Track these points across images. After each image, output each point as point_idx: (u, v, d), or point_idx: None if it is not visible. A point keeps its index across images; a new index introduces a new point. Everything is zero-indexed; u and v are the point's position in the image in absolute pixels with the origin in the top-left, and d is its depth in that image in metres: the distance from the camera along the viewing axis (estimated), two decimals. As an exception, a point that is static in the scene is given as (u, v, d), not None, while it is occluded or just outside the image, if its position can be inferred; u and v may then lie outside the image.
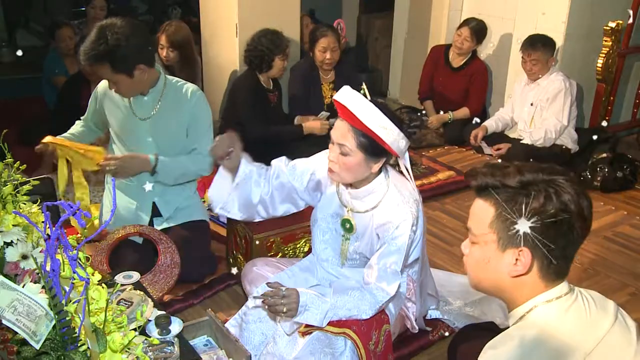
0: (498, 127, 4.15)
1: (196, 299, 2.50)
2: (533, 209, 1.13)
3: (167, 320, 1.62)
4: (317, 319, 1.81)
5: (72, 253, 1.23)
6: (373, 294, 1.89)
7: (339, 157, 1.85)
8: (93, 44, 2.29)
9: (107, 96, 2.57)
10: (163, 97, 2.53)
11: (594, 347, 1.14)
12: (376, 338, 1.92)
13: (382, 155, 1.87)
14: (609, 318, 1.19)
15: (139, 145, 2.54)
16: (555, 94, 3.78)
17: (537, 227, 1.13)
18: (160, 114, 2.53)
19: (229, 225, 2.64)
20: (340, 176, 1.90)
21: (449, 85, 4.47)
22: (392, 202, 1.92)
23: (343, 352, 1.86)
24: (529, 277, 1.18)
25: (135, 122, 2.54)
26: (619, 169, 3.66)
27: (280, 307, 1.77)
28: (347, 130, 1.82)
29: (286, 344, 1.94)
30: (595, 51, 4.06)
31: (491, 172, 1.18)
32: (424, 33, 5.10)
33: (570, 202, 1.13)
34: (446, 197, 3.55)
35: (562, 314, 1.18)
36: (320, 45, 3.79)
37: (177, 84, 2.58)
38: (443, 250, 2.97)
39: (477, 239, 1.23)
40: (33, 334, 1.15)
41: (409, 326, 2.21)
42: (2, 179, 1.58)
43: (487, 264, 1.22)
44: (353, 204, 2.00)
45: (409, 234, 1.89)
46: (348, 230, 2.03)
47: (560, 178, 1.16)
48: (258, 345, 2.03)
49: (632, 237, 3.15)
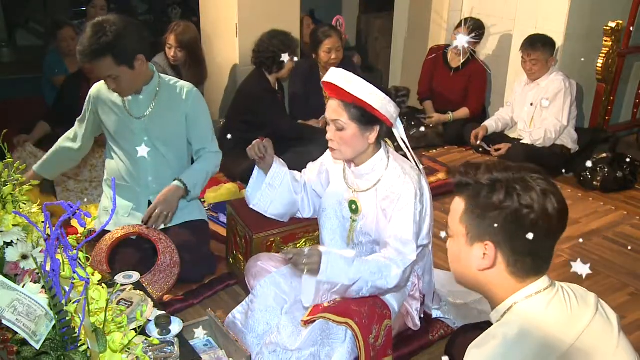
0: (498, 127, 4.15)
1: (196, 299, 2.50)
2: (493, 204, 1.18)
3: (167, 320, 1.62)
4: (341, 276, 1.85)
5: (72, 253, 1.23)
6: (394, 260, 1.93)
7: (335, 133, 1.97)
8: (92, 39, 2.28)
9: (101, 98, 2.57)
10: (158, 96, 2.54)
11: (576, 339, 1.16)
12: (376, 332, 1.94)
13: (375, 123, 1.96)
14: (590, 310, 1.21)
15: (135, 144, 2.54)
16: (555, 94, 3.77)
17: (500, 221, 1.17)
18: (156, 112, 2.53)
19: (229, 225, 2.64)
20: (341, 152, 2.00)
21: (448, 86, 4.46)
22: (394, 175, 2.01)
23: (343, 342, 1.88)
24: (496, 272, 1.23)
25: (130, 121, 2.54)
26: (619, 169, 3.65)
27: (302, 267, 1.83)
28: (338, 105, 1.95)
29: (289, 334, 1.97)
30: (595, 51, 4.06)
31: (466, 170, 1.25)
32: (424, 33, 5.10)
33: (534, 200, 1.16)
34: (446, 197, 3.54)
35: (543, 308, 1.20)
36: (325, 46, 3.79)
37: (170, 83, 2.58)
38: (443, 250, 2.92)
39: (451, 232, 1.30)
40: (33, 334, 1.15)
41: (411, 324, 2.22)
42: (2, 179, 1.58)
43: (459, 257, 1.28)
44: (357, 184, 2.09)
45: (414, 202, 1.95)
46: (354, 212, 2.10)
47: (529, 176, 1.19)
48: (262, 335, 2.06)
49: (632, 237, 3.15)
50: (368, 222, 2.07)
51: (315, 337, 1.89)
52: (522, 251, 1.19)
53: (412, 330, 2.25)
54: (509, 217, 1.17)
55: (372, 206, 2.05)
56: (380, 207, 2.02)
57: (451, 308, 2.41)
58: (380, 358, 1.96)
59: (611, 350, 1.19)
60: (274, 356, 1.96)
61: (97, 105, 2.59)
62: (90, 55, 2.31)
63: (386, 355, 2.00)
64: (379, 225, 2.04)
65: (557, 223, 1.19)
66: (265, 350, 1.98)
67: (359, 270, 1.88)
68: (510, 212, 1.16)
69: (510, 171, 1.20)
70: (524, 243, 1.17)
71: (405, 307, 2.18)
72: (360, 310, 1.91)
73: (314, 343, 1.89)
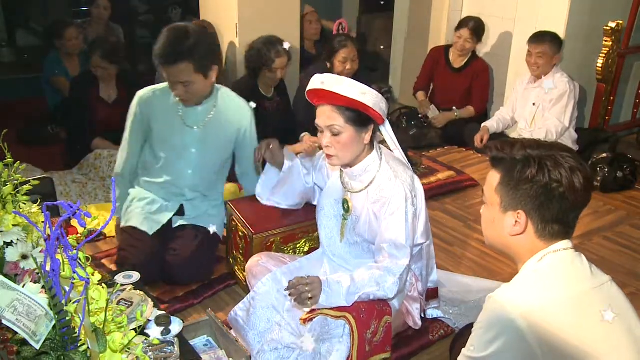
0: (499, 127, 4.14)
1: (196, 299, 2.50)
2: (527, 177, 1.32)
3: (167, 320, 1.62)
4: (342, 299, 1.89)
5: (72, 253, 1.23)
6: (389, 268, 1.95)
7: (332, 139, 1.94)
8: (175, 42, 2.27)
9: (151, 106, 2.53)
10: (216, 108, 2.53)
11: (598, 286, 1.33)
12: (375, 328, 1.95)
13: (369, 123, 1.96)
14: (606, 276, 1.38)
15: (181, 154, 2.54)
16: (560, 95, 3.78)
17: (532, 193, 1.32)
18: (211, 124, 2.53)
19: (229, 225, 2.64)
20: (339, 157, 1.98)
21: (451, 86, 4.46)
22: (385, 177, 2.00)
23: (342, 338, 1.90)
24: (526, 236, 1.37)
25: (183, 130, 2.52)
26: (619, 169, 3.66)
27: (305, 295, 1.85)
28: (332, 110, 1.92)
29: (291, 332, 1.99)
30: (595, 51, 4.06)
31: (502, 146, 1.39)
32: (424, 33, 5.10)
33: (562, 175, 1.30)
34: (446, 197, 3.55)
35: (569, 262, 1.35)
36: (341, 55, 3.70)
37: (230, 97, 2.59)
38: (443, 250, 2.97)
39: (487, 200, 1.44)
40: (33, 334, 1.15)
41: (411, 323, 2.22)
42: (2, 179, 1.58)
43: (493, 223, 1.43)
44: (351, 185, 2.08)
45: (405, 206, 1.95)
46: (346, 211, 2.11)
47: (560, 154, 1.33)
48: (263, 332, 2.06)
49: (632, 237, 3.15)
50: (360, 224, 2.07)
51: (316, 334, 1.91)
52: (550, 219, 1.34)
53: (412, 330, 2.25)
54: (539, 189, 1.31)
55: (364, 208, 2.05)
56: (372, 209, 2.02)
57: (451, 308, 2.42)
58: (377, 353, 1.98)
59: (626, 305, 1.35)
60: (276, 353, 1.97)
61: (147, 108, 2.53)
62: (172, 58, 2.28)
63: (384, 352, 2.01)
64: (371, 227, 2.04)
65: (583, 196, 1.34)
66: (266, 347, 1.99)
67: (358, 288, 1.91)
68: (541, 185, 1.31)
69: (543, 149, 1.34)
70: (552, 212, 1.33)
71: (406, 306, 2.19)
72: (358, 306, 1.92)
73: (315, 340, 1.91)
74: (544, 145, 1.36)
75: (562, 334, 1.26)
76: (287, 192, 2.38)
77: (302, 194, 2.39)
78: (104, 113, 3.70)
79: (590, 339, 1.27)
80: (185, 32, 2.29)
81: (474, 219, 3.23)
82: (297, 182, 2.34)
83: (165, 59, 2.28)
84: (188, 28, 2.32)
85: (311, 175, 2.34)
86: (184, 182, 2.60)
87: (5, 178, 1.59)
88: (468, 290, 2.54)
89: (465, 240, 3.07)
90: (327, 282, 1.89)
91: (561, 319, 1.27)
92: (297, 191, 2.37)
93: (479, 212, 1.53)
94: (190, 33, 2.29)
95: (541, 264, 1.35)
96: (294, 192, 2.38)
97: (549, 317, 1.27)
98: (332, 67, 3.76)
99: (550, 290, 1.31)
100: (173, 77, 2.33)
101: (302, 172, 2.32)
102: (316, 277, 1.89)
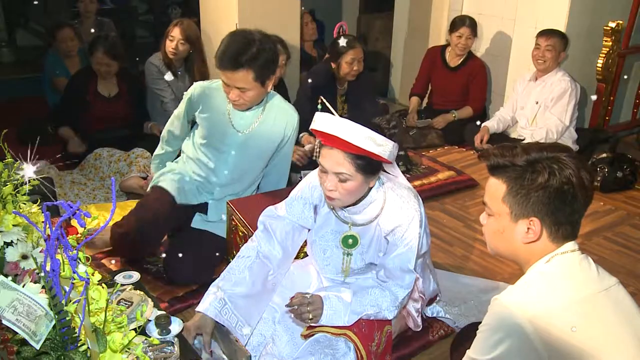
0: (499, 127, 4.15)
1: (196, 299, 2.49)
2: (539, 184, 1.30)
3: (167, 320, 1.62)
4: (342, 319, 1.86)
5: (72, 253, 1.23)
6: (392, 291, 1.93)
7: (337, 184, 1.80)
8: (240, 48, 2.25)
9: (205, 99, 2.55)
10: (264, 115, 2.53)
11: (604, 289, 1.34)
12: (378, 339, 1.93)
13: (379, 169, 1.87)
14: (614, 279, 1.39)
15: (221, 154, 2.56)
16: (561, 94, 3.79)
17: (545, 199, 1.30)
18: (257, 130, 2.53)
19: (229, 225, 2.63)
20: (342, 201, 1.87)
21: (449, 86, 4.47)
22: (395, 206, 1.91)
23: (346, 353, 1.87)
24: (540, 242, 1.36)
25: (229, 132, 2.52)
26: (619, 169, 3.65)
27: (306, 315, 1.83)
28: (343, 157, 1.75)
29: (285, 344, 1.96)
30: (595, 51, 4.06)
31: (501, 152, 1.35)
32: (424, 33, 5.10)
33: (572, 175, 1.29)
34: (446, 197, 3.55)
35: (577, 264, 1.36)
36: (349, 57, 3.68)
37: (280, 104, 2.57)
38: (443, 250, 2.97)
39: (492, 211, 1.40)
40: (33, 334, 1.15)
41: (412, 325, 2.21)
42: (2, 179, 1.58)
43: (502, 233, 1.39)
44: (353, 219, 1.98)
45: (418, 231, 1.91)
46: (351, 246, 2.01)
47: (562, 155, 1.31)
48: (257, 346, 2.02)
49: (632, 237, 3.15)
50: (370, 253, 2.01)
51: (314, 348, 1.87)
52: (563, 221, 1.34)
53: (412, 331, 2.25)
54: (552, 194, 1.30)
55: (374, 239, 1.98)
56: (384, 238, 1.95)
57: (451, 308, 2.41)
58: None
59: (633, 310, 1.35)
60: None
61: (199, 104, 2.56)
62: (234, 64, 2.26)
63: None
64: (378, 254, 1.99)
65: (591, 193, 1.34)
66: None
67: (359, 304, 1.89)
68: (554, 190, 1.29)
69: (545, 151, 1.32)
70: (565, 214, 1.33)
71: (406, 309, 2.18)
72: (358, 321, 1.90)
73: (312, 353, 1.86)
74: (545, 148, 1.34)
75: (568, 338, 1.25)
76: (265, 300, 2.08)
77: (286, 261, 2.13)
78: (102, 108, 3.72)
79: (596, 342, 1.26)
80: (250, 40, 2.27)
81: (474, 219, 3.23)
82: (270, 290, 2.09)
83: (226, 64, 2.27)
84: (253, 36, 2.30)
85: (276, 275, 2.10)
86: (218, 180, 2.61)
87: (5, 178, 1.59)
88: (468, 290, 2.54)
89: (465, 240, 3.07)
90: (329, 302, 1.86)
91: (567, 323, 1.26)
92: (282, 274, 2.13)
93: (479, 212, 1.52)
94: (254, 41, 2.27)
95: (548, 266, 1.35)
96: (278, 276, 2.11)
97: (555, 320, 1.26)
98: (338, 68, 3.75)
99: (556, 293, 1.30)
100: (231, 81, 2.33)
101: (269, 276, 2.08)
102: (318, 297, 1.86)
